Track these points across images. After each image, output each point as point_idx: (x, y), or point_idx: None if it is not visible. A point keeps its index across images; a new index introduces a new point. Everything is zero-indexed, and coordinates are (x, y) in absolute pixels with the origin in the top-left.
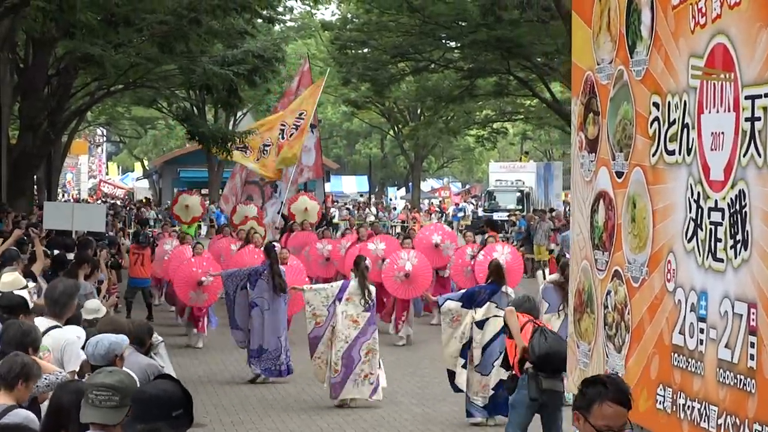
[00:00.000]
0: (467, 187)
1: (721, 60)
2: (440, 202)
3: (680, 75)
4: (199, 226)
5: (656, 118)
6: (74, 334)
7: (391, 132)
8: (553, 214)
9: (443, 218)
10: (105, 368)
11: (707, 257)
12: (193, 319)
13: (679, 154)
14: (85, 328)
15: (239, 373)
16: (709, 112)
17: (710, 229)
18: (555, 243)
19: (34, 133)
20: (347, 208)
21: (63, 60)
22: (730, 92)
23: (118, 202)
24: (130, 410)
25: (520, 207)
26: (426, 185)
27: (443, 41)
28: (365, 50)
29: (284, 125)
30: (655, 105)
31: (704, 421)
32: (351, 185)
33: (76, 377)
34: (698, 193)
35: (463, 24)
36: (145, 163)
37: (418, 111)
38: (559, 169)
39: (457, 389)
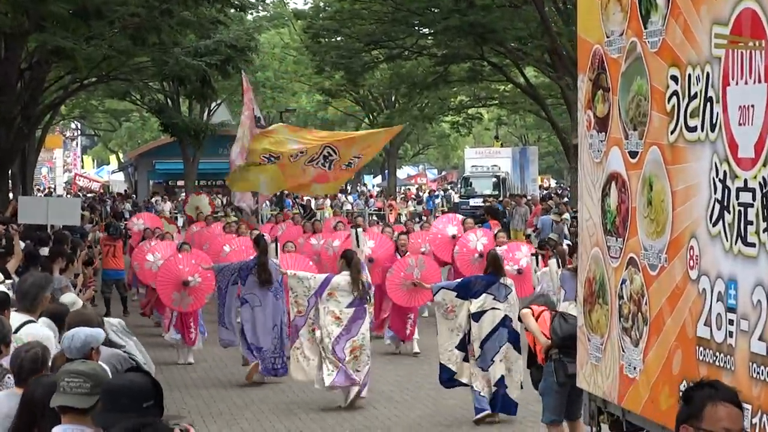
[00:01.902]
0: (443, 173)
1: (750, 26)
2: (411, 190)
3: (702, 45)
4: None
5: (675, 93)
6: (49, 328)
7: (366, 120)
8: (529, 198)
9: (419, 204)
10: (78, 359)
11: (736, 242)
12: (181, 328)
13: (702, 130)
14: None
15: (218, 365)
16: (736, 83)
17: (739, 211)
18: (532, 228)
19: (8, 127)
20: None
21: (35, 54)
22: (760, 61)
23: (95, 196)
24: (100, 401)
25: (497, 192)
26: (402, 172)
27: (416, 28)
28: (338, 38)
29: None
30: (674, 78)
31: None
32: None
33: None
34: (724, 172)
35: (436, 10)
36: (120, 155)
37: (393, 98)
38: (535, 154)
39: (451, 385)
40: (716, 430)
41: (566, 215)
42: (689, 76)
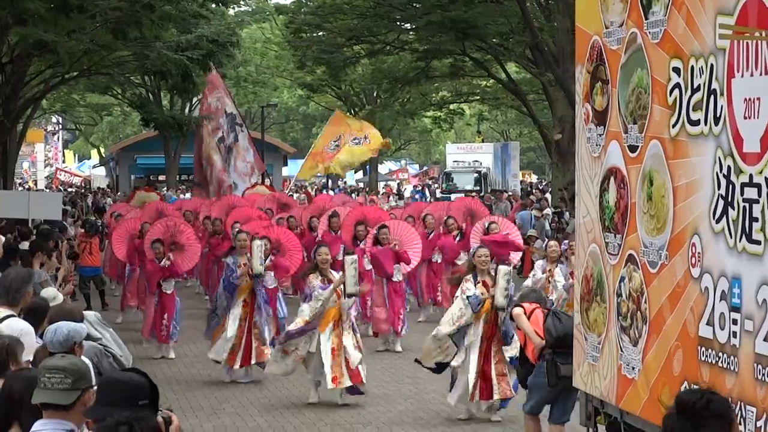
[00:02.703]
0: (425, 168)
1: (756, 16)
2: (390, 186)
3: (705, 35)
4: None
5: (677, 85)
6: (27, 324)
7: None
8: (510, 194)
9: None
10: (58, 354)
11: (740, 239)
12: (156, 330)
13: (705, 124)
14: None
15: (199, 360)
16: (742, 75)
17: (744, 207)
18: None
19: None
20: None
21: (16, 47)
22: (766, 52)
23: (76, 191)
24: (88, 392)
25: (478, 188)
26: (383, 168)
27: (398, 23)
28: (320, 33)
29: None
30: (676, 70)
31: (740, 424)
32: None
33: (30, 366)
34: (728, 167)
35: (418, 5)
36: (102, 150)
37: (375, 94)
38: (516, 150)
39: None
40: None
41: (547, 210)
42: (692, 67)
